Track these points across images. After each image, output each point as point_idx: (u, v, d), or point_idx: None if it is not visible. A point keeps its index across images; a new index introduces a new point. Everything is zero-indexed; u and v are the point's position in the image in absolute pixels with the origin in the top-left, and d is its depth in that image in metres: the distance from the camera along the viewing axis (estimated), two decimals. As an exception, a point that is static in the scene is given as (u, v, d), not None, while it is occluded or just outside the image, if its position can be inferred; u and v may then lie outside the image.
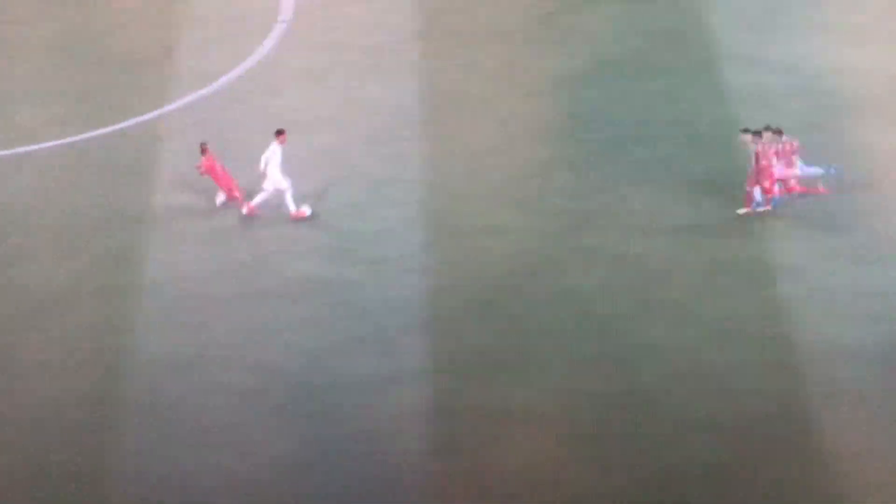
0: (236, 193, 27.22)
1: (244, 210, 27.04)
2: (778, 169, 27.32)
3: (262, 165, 26.88)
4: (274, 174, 26.86)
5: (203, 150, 27.28)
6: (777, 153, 27.36)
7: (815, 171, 27.58)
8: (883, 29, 32.05)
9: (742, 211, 27.36)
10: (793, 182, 27.56)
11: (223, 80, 30.67)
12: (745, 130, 27.67)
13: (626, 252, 26.55)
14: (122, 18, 32.70)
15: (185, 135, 29.43)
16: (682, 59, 31.36)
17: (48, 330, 24.86)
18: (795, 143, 27.46)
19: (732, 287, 25.73)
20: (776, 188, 27.40)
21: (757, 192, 27.44)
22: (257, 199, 27.10)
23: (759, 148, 27.24)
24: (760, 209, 27.33)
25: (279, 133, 27.02)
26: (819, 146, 28.66)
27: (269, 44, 31.75)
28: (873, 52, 31.39)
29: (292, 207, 27.06)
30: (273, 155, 26.96)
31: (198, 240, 26.86)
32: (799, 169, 27.50)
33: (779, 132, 27.48)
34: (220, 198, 27.32)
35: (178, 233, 27.05)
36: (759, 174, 27.24)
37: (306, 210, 27.11)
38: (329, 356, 24.43)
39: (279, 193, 26.98)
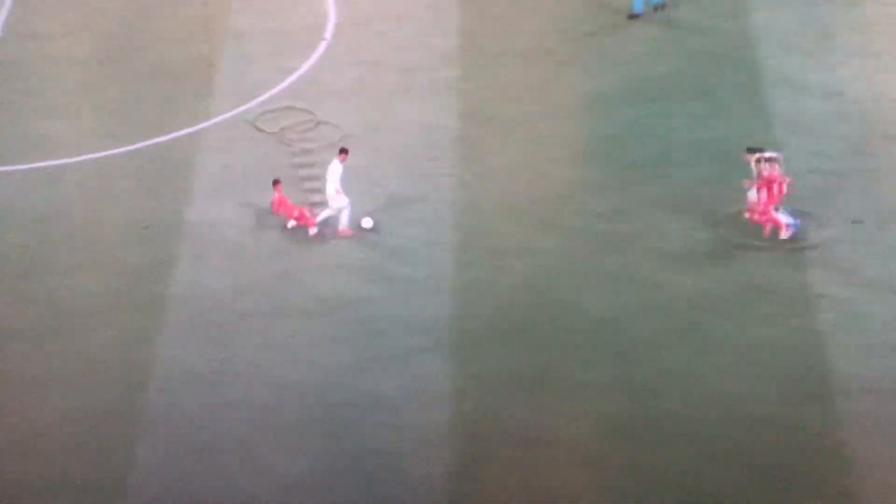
0: (306, 218, 26.85)
1: (312, 231, 26.77)
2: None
3: (328, 187, 26.80)
4: (331, 192, 26.87)
5: (275, 185, 27.06)
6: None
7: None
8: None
9: (784, 235, 26.69)
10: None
11: (264, 95, 30.34)
12: (752, 150, 26.76)
13: (656, 278, 25.98)
14: (163, 32, 32.43)
15: (223, 150, 29.15)
16: (724, 81, 30.73)
17: (74, 342, 24.74)
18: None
19: (765, 316, 25.14)
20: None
21: (783, 215, 26.71)
22: (322, 215, 26.98)
23: (774, 170, 26.49)
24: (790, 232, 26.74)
25: (342, 152, 27.09)
26: (860, 172, 28.14)
27: (310, 61, 31.38)
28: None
29: (342, 224, 26.90)
30: (333, 173, 26.96)
31: (227, 255, 26.62)
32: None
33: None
34: (292, 223, 27.00)
35: (208, 247, 26.80)
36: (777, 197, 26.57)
37: (364, 224, 26.77)
38: (349, 374, 24.16)
39: (339, 211, 26.98)
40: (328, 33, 32.24)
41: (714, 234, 26.90)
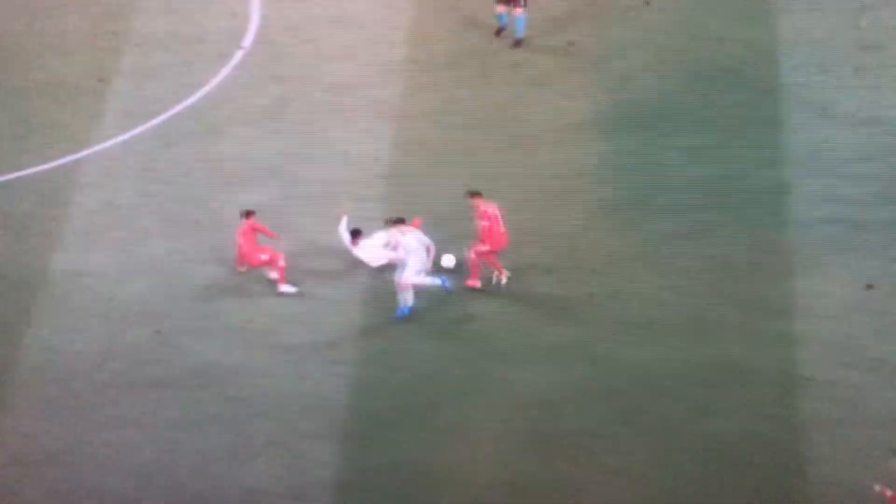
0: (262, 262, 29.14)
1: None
2: None
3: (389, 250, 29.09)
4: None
5: (247, 216, 29.23)
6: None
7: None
8: None
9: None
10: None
11: (160, 118, 32.85)
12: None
13: (611, 353, 27.49)
14: (49, 40, 34.99)
15: (104, 185, 31.44)
16: (730, 105, 32.52)
17: None
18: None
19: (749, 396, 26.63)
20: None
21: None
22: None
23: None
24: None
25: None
26: (885, 225, 29.57)
27: (221, 75, 34.00)
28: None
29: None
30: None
31: (92, 312, 28.64)
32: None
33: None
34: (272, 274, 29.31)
35: (70, 303, 28.83)
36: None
37: (444, 263, 29.07)
38: (220, 462, 25.99)
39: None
40: (248, 40, 34.68)
41: (693, 299, 28.46)
